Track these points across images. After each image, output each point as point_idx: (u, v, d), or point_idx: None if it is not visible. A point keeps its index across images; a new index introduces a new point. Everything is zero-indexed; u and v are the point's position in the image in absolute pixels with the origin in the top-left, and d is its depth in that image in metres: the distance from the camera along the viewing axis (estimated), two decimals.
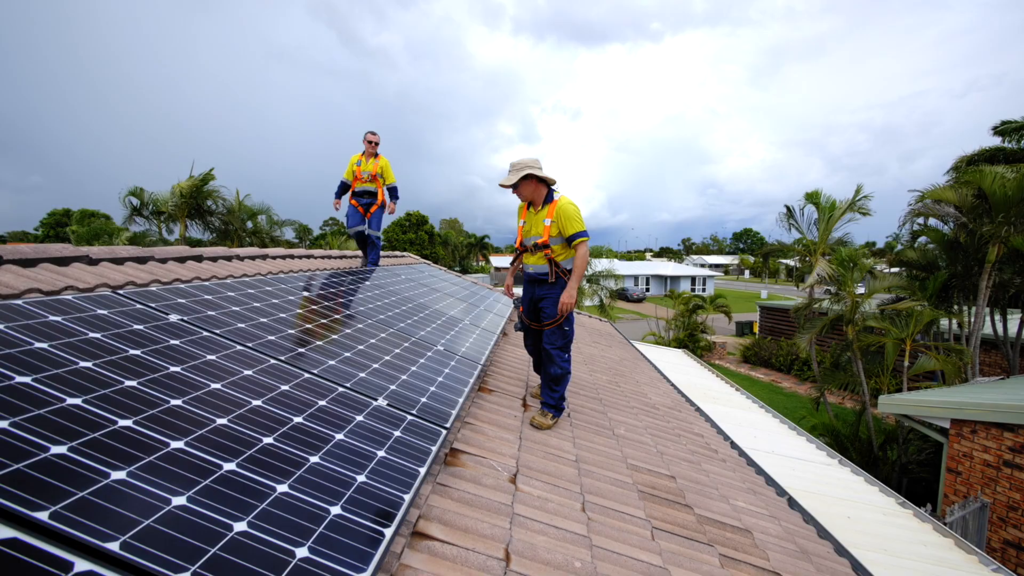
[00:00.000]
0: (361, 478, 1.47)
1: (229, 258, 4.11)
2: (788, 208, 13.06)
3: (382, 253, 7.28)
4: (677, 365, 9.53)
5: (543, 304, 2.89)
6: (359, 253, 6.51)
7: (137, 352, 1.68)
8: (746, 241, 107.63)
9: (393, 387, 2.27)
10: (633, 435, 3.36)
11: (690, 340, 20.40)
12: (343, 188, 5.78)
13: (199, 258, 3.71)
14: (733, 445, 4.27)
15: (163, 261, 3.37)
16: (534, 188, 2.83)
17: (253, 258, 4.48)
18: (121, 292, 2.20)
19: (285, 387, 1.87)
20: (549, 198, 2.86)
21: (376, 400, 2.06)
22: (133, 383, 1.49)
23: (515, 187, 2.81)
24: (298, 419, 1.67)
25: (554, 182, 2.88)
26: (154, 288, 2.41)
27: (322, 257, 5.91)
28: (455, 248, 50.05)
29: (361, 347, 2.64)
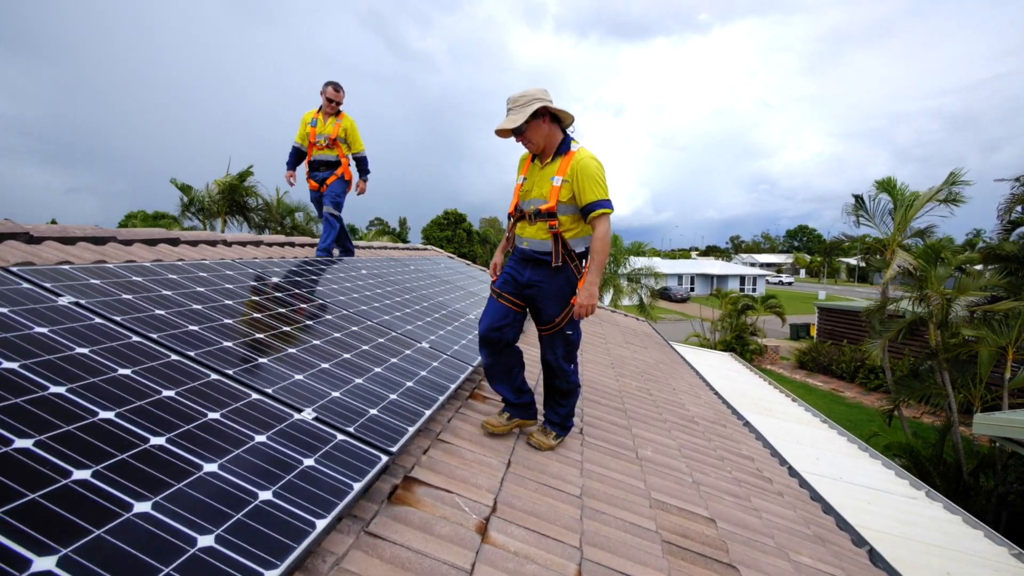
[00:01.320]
0: (205, 541, 0.96)
1: (213, 243, 3.79)
2: (858, 198, 11.58)
3: (358, 243, 5.76)
4: (722, 370, 8.59)
5: (538, 296, 2.10)
6: (384, 245, 6.02)
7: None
8: (801, 239, 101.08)
9: (336, 394, 1.76)
10: (662, 458, 2.70)
11: (738, 343, 18.95)
12: (296, 156, 4.42)
13: (175, 241, 3.40)
14: (792, 471, 3.48)
15: (127, 243, 3.06)
16: (548, 131, 2.02)
17: (244, 244, 4.15)
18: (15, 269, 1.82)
19: (169, 392, 1.39)
20: (564, 148, 2.05)
21: (301, 412, 1.55)
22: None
23: (520, 133, 1.99)
24: (158, 440, 1.18)
25: (572, 119, 2.07)
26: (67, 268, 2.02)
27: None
28: (494, 246, 49.90)
29: (316, 342, 2.16)
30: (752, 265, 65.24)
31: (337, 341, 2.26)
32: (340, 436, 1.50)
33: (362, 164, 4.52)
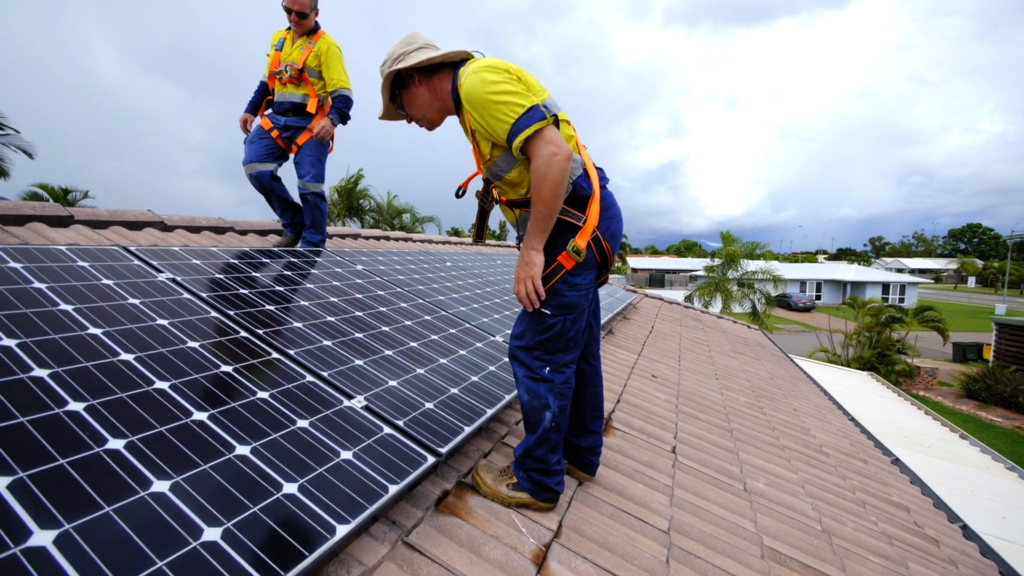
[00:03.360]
0: (211, 534, 0.85)
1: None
2: None
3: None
4: (859, 392, 7.20)
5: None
6: (462, 241, 5.68)
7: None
8: (971, 240, 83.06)
9: (393, 383, 1.64)
10: (780, 494, 2.18)
11: (880, 361, 15.98)
12: (260, 94, 3.10)
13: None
14: (967, 532, 2.65)
15: (243, 233, 3.36)
16: (428, 94, 1.43)
17: (343, 236, 4.40)
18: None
19: (227, 368, 1.37)
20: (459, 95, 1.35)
21: (351, 399, 1.45)
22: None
23: (404, 112, 1.50)
24: (200, 415, 1.14)
25: (462, 54, 1.41)
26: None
27: (422, 241, 5.74)
28: None
29: (384, 328, 2.09)
30: (899, 271, 55.04)
31: (406, 329, 2.18)
32: (387, 429, 1.36)
33: (343, 105, 3.07)
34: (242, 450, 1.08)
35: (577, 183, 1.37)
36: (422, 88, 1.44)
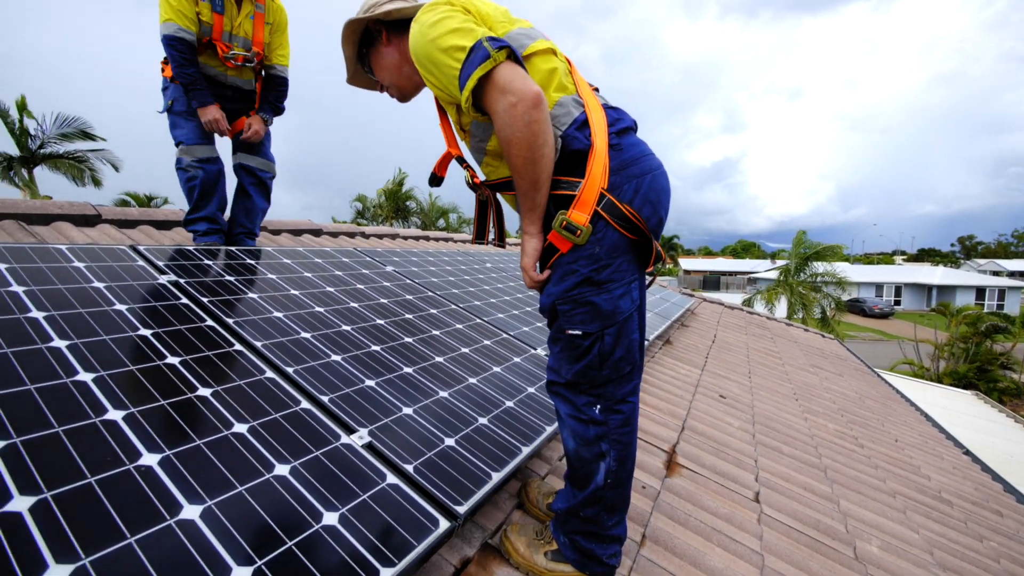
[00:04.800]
0: None
1: (352, 235, 3.89)
2: None
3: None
4: (966, 415, 6.18)
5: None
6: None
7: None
8: None
9: (407, 411, 1.34)
10: (901, 561, 1.68)
11: (980, 377, 14.04)
12: (184, 53, 2.11)
13: (335, 234, 3.53)
14: None
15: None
16: (398, 57, 1.14)
17: (380, 236, 4.23)
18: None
19: (203, 392, 1.13)
20: None
21: (352, 433, 1.16)
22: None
23: (377, 82, 1.21)
24: (150, 458, 0.89)
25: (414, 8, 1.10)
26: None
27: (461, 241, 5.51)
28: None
29: (407, 339, 1.81)
30: (995, 274, 48.83)
31: (432, 341, 1.88)
32: (391, 478, 1.05)
33: (281, 90, 2.47)
34: (188, 512, 0.81)
35: (567, 136, 0.97)
36: (391, 48, 1.14)
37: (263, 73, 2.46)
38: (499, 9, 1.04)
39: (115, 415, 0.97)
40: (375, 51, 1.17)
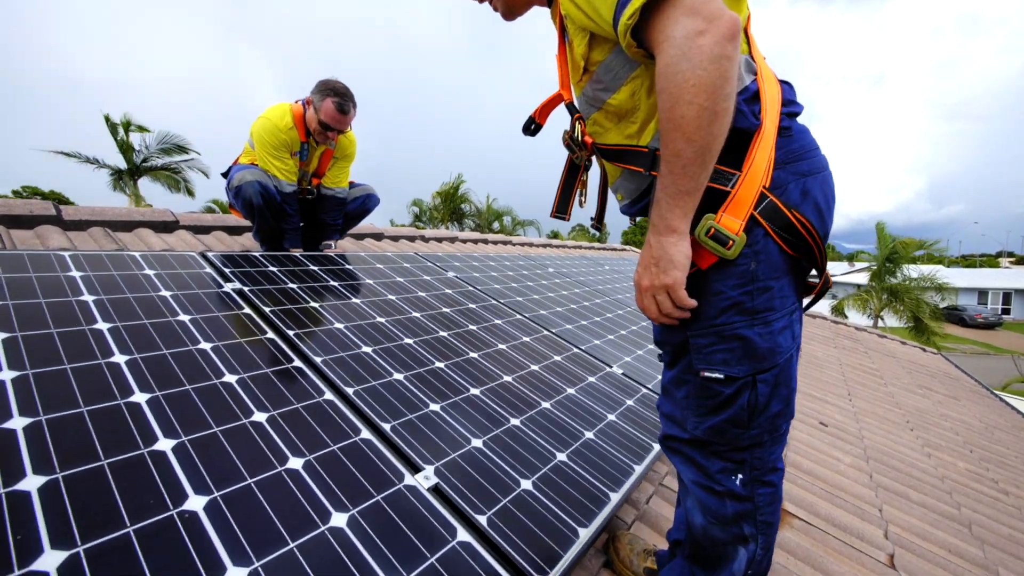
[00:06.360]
0: None
1: (412, 239, 3.85)
2: None
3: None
4: None
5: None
6: (583, 245, 4.98)
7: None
8: None
9: (476, 442, 1.18)
10: None
11: None
12: (292, 206, 2.29)
13: (396, 238, 3.51)
14: None
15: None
16: None
17: (440, 240, 4.16)
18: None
19: (258, 417, 1.02)
20: None
21: (417, 472, 1.01)
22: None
23: None
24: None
25: None
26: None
27: (541, 245, 5.35)
28: None
29: (472, 355, 1.65)
30: None
31: (499, 356, 1.71)
32: (462, 533, 0.88)
33: (338, 210, 2.50)
34: (233, 574, 0.69)
35: (737, 108, 0.72)
36: None
37: (318, 191, 2.49)
38: None
39: (164, 444, 0.87)
40: None
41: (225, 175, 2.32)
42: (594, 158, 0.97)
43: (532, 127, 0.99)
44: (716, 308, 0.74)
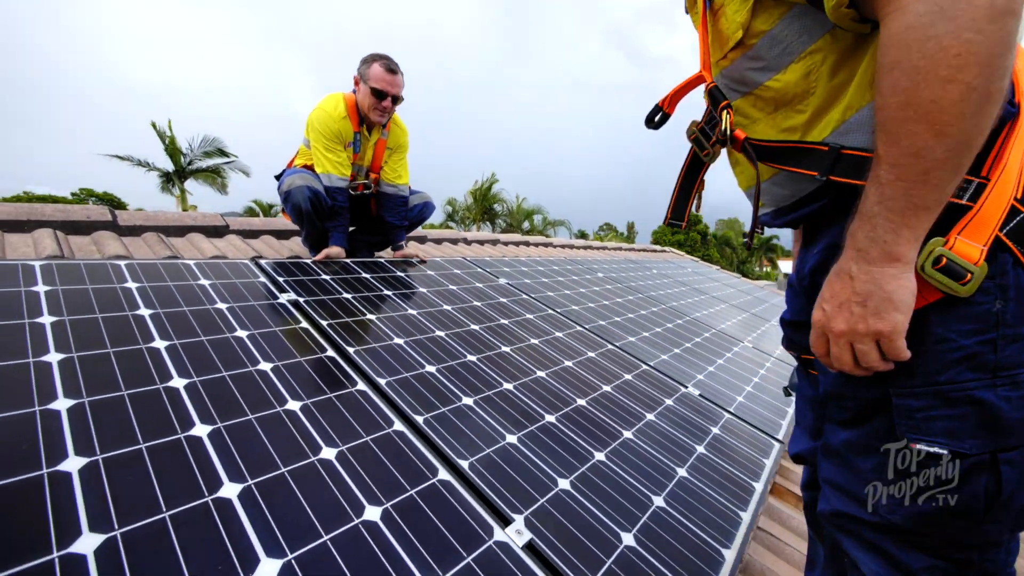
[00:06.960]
0: None
1: (455, 241, 3.75)
2: None
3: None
4: None
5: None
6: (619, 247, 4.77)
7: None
8: None
9: (564, 483, 1.03)
10: None
11: None
12: (343, 202, 2.14)
13: (422, 239, 3.42)
14: None
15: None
16: None
17: (482, 243, 4.05)
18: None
19: (325, 454, 0.91)
20: None
21: (507, 524, 0.87)
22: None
23: None
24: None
25: None
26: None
27: (562, 246, 5.18)
28: (734, 250, 43.61)
29: (540, 373, 1.51)
30: None
31: (567, 375, 1.57)
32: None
33: (401, 210, 2.35)
34: None
35: None
36: None
37: (378, 189, 2.35)
38: None
39: (229, 490, 0.77)
40: None
41: (278, 177, 2.27)
42: (723, 154, 0.80)
43: (657, 118, 0.83)
44: (940, 361, 0.54)
